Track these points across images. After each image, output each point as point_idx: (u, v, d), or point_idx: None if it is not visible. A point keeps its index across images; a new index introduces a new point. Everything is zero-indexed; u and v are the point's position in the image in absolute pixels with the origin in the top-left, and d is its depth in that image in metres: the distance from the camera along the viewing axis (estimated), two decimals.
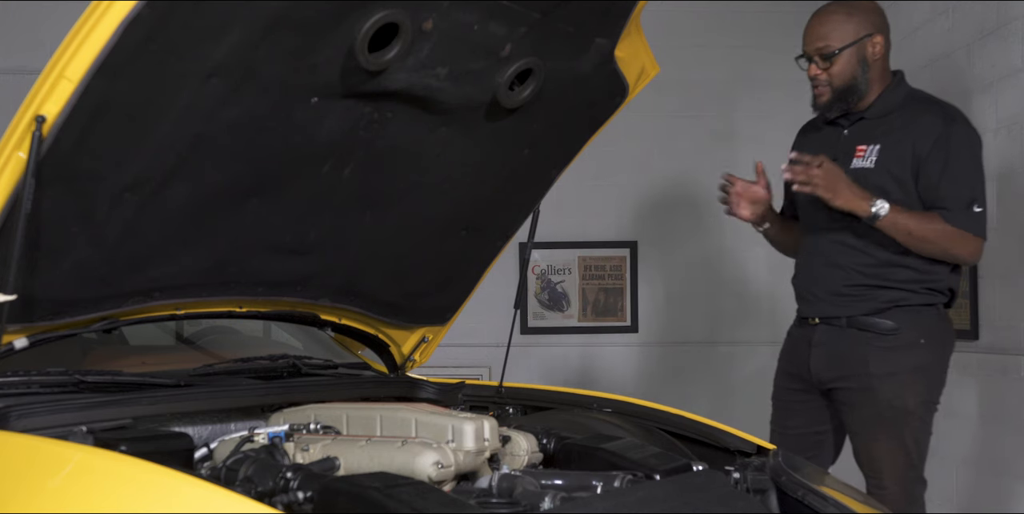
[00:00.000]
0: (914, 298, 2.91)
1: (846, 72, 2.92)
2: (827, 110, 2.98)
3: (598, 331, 5.17)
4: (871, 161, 2.91)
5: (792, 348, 3.12)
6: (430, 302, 2.52)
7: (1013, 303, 3.61)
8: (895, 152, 2.89)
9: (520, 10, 1.92)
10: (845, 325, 2.95)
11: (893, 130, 2.91)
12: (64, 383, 1.90)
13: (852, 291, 2.94)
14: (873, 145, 2.92)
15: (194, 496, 1.34)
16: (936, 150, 2.84)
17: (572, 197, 4.98)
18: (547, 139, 2.28)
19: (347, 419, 1.92)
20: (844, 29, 2.92)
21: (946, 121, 2.87)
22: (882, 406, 2.89)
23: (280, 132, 1.85)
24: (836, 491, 1.93)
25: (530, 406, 2.45)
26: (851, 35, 2.92)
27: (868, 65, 2.94)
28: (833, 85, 2.93)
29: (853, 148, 2.95)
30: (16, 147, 1.58)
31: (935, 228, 2.83)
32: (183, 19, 1.57)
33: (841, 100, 2.95)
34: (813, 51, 2.94)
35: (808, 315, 3.04)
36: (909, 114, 2.92)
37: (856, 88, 2.94)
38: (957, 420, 3.91)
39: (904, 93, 2.99)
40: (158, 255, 1.91)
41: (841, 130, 3.02)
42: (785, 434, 3.09)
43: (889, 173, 2.88)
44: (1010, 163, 3.61)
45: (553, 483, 1.71)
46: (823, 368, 2.99)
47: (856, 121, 2.99)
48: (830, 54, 2.91)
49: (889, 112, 2.95)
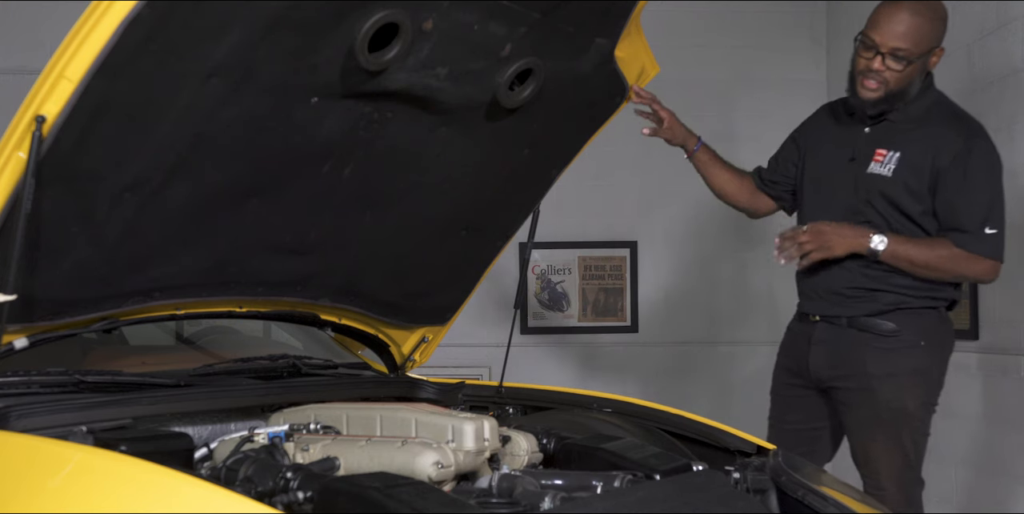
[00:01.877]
0: (915, 302, 2.90)
1: (906, 79, 2.82)
2: (872, 107, 2.86)
3: (598, 331, 5.17)
4: (889, 170, 2.86)
5: (792, 343, 3.12)
6: (430, 302, 2.52)
7: (1013, 303, 3.61)
8: (914, 163, 2.84)
9: (520, 10, 1.92)
10: (846, 325, 2.95)
11: (915, 141, 2.85)
12: (64, 383, 1.90)
13: (854, 292, 2.93)
14: (893, 152, 2.87)
15: (194, 496, 1.34)
16: (954, 167, 2.79)
17: (572, 197, 4.98)
18: (547, 139, 2.28)
19: (347, 419, 1.92)
20: (926, 37, 2.80)
21: (969, 138, 2.82)
22: (880, 407, 2.89)
23: (280, 132, 1.85)
24: (836, 491, 1.93)
25: (530, 406, 2.45)
26: (928, 44, 2.81)
27: (923, 74, 2.87)
28: (889, 85, 2.82)
29: (873, 150, 2.90)
30: (16, 147, 1.58)
31: (939, 254, 2.81)
32: (183, 19, 1.57)
33: (888, 103, 2.86)
34: (888, 49, 2.77)
35: (809, 312, 3.04)
36: (934, 126, 2.85)
37: (907, 93, 2.86)
38: (957, 420, 3.91)
39: (932, 100, 2.92)
40: (158, 255, 1.91)
41: (862, 128, 2.94)
42: (783, 428, 3.09)
43: (905, 185, 2.85)
44: (1010, 163, 3.60)
45: (553, 483, 1.71)
46: (822, 366, 2.99)
47: (880, 121, 2.92)
48: (907, 59, 2.78)
49: (915, 118, 2.88)
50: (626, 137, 4.90)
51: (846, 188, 2.93)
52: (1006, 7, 3.65)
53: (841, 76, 5.06)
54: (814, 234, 2.85)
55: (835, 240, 2.84)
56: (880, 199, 2.88)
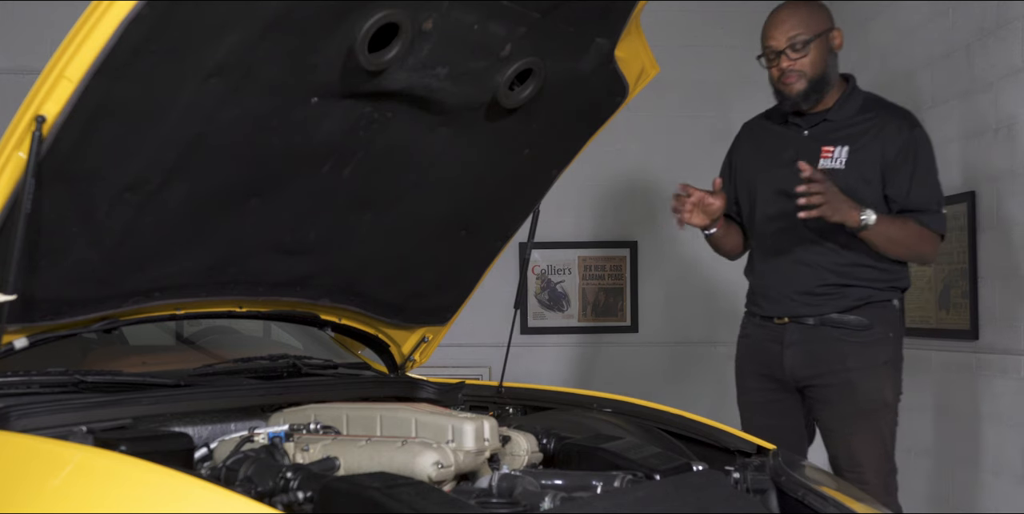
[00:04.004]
0: (880, 294, 2.99)
1: (819, 61, 2.97)
2: (803, 100, 3.00)
3: (598, 331, 5.17)
4: (840, 162, 2.98)
5: (758, 348, 3.13)
6: (430, 302, 2.52)
7: (1013, 303, 3.61)
8: (864, 155, 2.96)
9: (520, 10, 1.92)
10: (817, 324, 3.00)
11: (860, 134, 2.99)
12: (64, 383, 1.90)
13: (825, 290, 2.99)
14: (841, 146, 2.99)
15: (194, 496, 1.34)
16: (903, 156, 2.94)
17: (572, 197, 4.98)
18: (547, 139, 2.28)
19: (347, 419, 1.92)
20: (813, 20, 2.98)
21: (911, 128, 2.97)
22: (861, 401, 2.95)
23: (280, 132, 1.85)
24: (836, 491, 1.93)
25: (530, 406, 2.45)
26: (817, 25, 2.98)
27: (833, 57, 3.01)
28: (808, 75, 2.97)
29: (818, 149, 3.01)
30: (16, 147, 1.58)
31: (910, 232, 2.94)
32: (183, 19, 1.57)
33: (815, 90, 2.99)
34: (785, 42, 2.96)
35: (774, 314, 3.07)
36: (875, 119, 2.99)
37: (828, 78, 2.99)
38: (957, 420, 3.91)
39: (862, 97, 3.06)
40: (158, 255, 1.91)
41: (801, 130, 3.07)
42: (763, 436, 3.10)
43: (860, 174, 2.95)
44: (1010, 163, 3.61)
45: (553, 483, 1.71)
46: (799, 366, 3.02)
47: (818, 123, 3.05)
48: (804, 43, 2.95)
49: (852, 115, 3.02)
50: (626, 137, 4.94)
51: (794, 186, 2.85)
52: (1006, 7, 3.65)
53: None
54: (830, 193, 2.80)
55: (841, 205, 2.82)
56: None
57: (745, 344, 3.20)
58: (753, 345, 3.16)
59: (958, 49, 3.96)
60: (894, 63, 4.51)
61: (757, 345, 3.14)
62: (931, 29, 4.16)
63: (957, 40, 3.97)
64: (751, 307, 3.19)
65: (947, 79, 4.04)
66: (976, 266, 3.79)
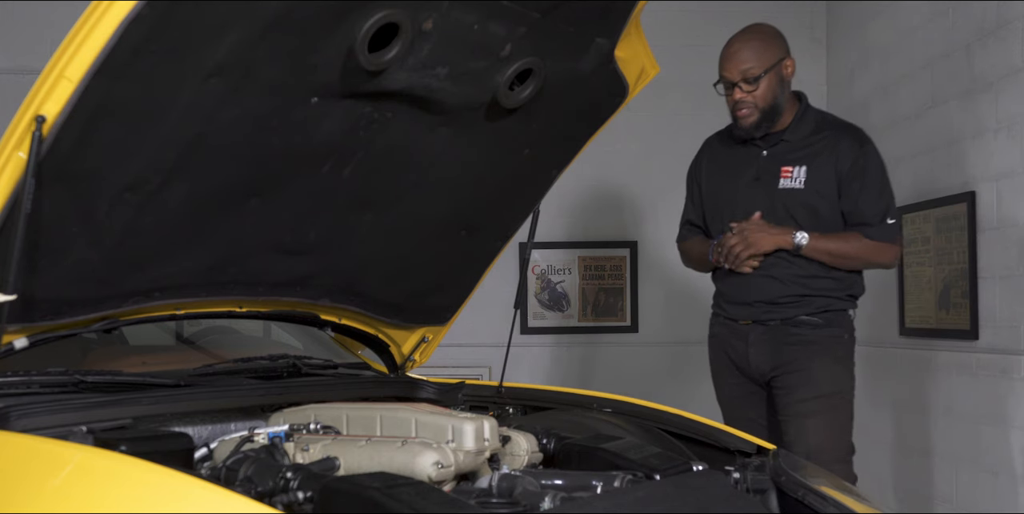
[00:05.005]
0: (838, 303, 3.22)
1: (769, 93, 3.16)
2: (755, 130, 3.19)
3: (598, 331, 5.17)
4: (800, 182, 3.18)
5: (728, 347, 3.33)
6: (430, 302, 2.52)
7: (1013, 303, 3.61)
8: (821, 173, 3.16)
9: (520, 10, 1.91)
10: (779, 324, 3.20)
11: (816, 153, 3.18)
12: (64, 383, 1.90)
13: (788, 300, 3.20)
14: (799, 167, 3.18)
15: (194, 496, 1.34)
16: (854, 171, 3.14)
17: (572, 197, 4.98)
18: (547, 139, 2.28)
19: (347, 419, 1.92)
20: (765, 54, 3.16)
21: (862, 143, 3.18)
22: (819, 386, 3.12)
23: (280, 132, 1.85)
24: (836, 491, 1.93)
25: (530, 406, 2.45)
26: (771, 59, 3.16)
27: (786, 86, 3.20)
28: (759, 106, 3.16)
29: (778, 169, 3.21)
30: (16, 147, 1.58)
31: (853, 245, 3.15)
32: (183, 19, 1.57)
33: (767, 120, 3.18)
34: (738, 75, 3.14)
35: (738, 318, 3.28)
36: (828, 137, 3.19)
37: (778, 107, 3.18)
38: (957, 420, 3.91)
39: (815, 116, 3.25)
40: (158, 255, 1.91)
41: (759, 150, 3.25)
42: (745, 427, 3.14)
43: (818, 193, 3.16)
44: (1010, 163, 3.61)
45: (553, 483, 1.71)
46: (763, 361, 3.22)
47: (776, 143, 3.22)
48: (756, 78, 3.12)
49: (808, 135, 3.21)
50: (626, 137, 4.93)
51: (759, 205, 3.19)
52: (1006, 7, 3.65)
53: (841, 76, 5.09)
54: (740, 236, 3.16)
55: (761, 237, 3.14)
56: (800, 209, 3.17)
57: (714, 343, 3.41)
58: (721, 344, 3.37)
59: (958, 49, 3.96)
60: (894, 63, 4.51)
61: (725, 343, 3.34)
62: (931, 29, 4.16)
63: (957, 40, 3.97)
64: (716, 309, 3.40)
65: (947, 79, 4.04)
66: (976, 266, 3.79)
